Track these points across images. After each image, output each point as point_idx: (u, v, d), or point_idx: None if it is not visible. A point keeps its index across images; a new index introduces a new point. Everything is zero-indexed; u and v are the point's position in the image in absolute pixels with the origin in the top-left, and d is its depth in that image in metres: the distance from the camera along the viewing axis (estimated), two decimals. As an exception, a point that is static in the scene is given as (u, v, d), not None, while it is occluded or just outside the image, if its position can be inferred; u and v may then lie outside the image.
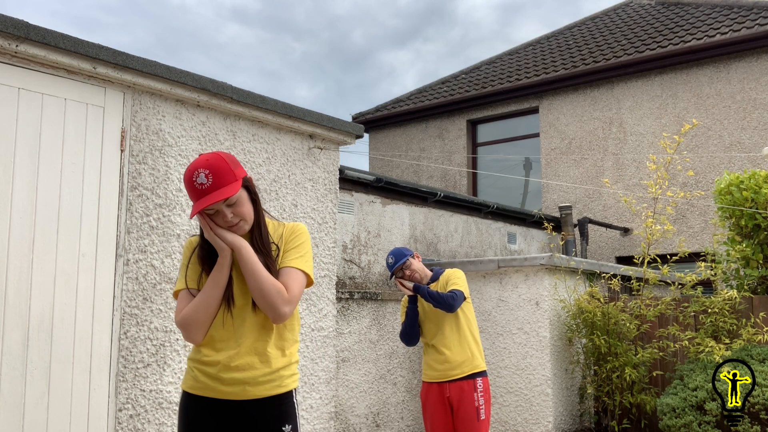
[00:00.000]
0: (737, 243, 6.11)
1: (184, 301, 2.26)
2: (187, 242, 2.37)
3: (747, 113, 9.25)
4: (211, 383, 2.23)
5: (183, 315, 2.23)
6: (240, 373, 2.22)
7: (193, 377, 2.27)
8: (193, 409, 2.27)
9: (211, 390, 2.24)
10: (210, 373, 2.23)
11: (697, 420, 4.72)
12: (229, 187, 2.19)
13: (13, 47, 3.29)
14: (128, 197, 3.78)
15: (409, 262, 4.11)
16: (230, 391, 2.23)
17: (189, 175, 2.19)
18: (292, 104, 4.64)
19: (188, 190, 2.20)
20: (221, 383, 2.22)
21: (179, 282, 2.30)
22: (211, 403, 2.25)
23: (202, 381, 2.25)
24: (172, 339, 3.91)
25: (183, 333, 2.25)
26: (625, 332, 5.77)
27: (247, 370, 2.23)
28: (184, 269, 2.30)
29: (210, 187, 2.18)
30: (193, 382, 2.27)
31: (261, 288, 2.22)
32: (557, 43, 12.41)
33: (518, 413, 5.93)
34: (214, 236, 2.23)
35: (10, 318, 3.24)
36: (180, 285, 2.29)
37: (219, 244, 2.23)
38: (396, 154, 12.45)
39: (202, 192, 2.17)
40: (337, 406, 5.28)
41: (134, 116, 3.84)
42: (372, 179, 6.24)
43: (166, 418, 3.84)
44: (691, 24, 10.39)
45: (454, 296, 3.91)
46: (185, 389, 2.30)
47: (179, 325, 2.24)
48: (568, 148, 10.70)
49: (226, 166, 2.19)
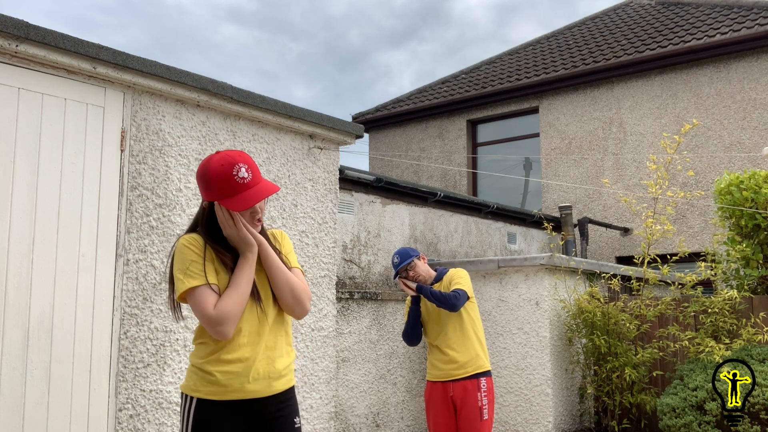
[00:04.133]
0: (737, 243, 6.11)
1: (210, 297, 2.15)
2: (189, 238, 2.25)
3: (747, 113, 9.25)
4: (236, 383, 2.18)
5: (223, 309, 2.13)
6: (265, 368, 2.23)
7: (211, 381, 2.19)
8: (218, 418, 2.19)
9: (236, 391, 2.19)
10: (235, 372, 2.19)
11: (697, 420, 4.72)
12: (269, 183, 2.25)
13: (13, 47, 3.29)
14: (128, 197, 3.78)
15: (413, 263, 4.11)
16: (255, 388, 2.21)
17: (228, 169, 2.16)
18: (292, 104, 4.64)
19: (224, 184, 2.17)
20: (247, 381, 2.19)
21: (197, 278, 2.17)
22: (235, 407, 2.20)
23: (224, 383, 2.18)
24: (172, 339, 3.91)
25: (217, 328, 2.13)
26: (625, 332, 5.77)
27: (270, 364, 2.25)
28: (199, 265, 2.19)
29: (251, 181, 2.20)
30: (212, 387, 2.19)
31: (291, 285, 2.27)
32: (557, 43, 12.41)
33: (518, 413, 5.93)
34: (245, 232, 2.22)
35: (10, 318, 3.24)
36: (199, 281, 2.17)
37: (248, 240, 2.23)
38: (396, 154, 12.46)
39: (245, 186, 2.18)
40: (337, 406, 5.28)
41: (134, 116, 3.84)
42: (372, 179, 6.24)
43: (166, 418, 3.84)
44: (691, 24, 10.39)
45: (457, 295, 3.91)
46: (202, 397, 2.20)
47: (217, 319, 2.12)
48: (568, 148, 10.70)
49: (255, 164, 2.25)
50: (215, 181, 2.17)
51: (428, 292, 3.97)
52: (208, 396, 2.19)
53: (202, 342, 2.25)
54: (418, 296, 4.10)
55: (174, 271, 2.23)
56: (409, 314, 4.14)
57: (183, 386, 2.28)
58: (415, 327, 4.13)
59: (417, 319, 4.12)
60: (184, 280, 2.17)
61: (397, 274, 4.14)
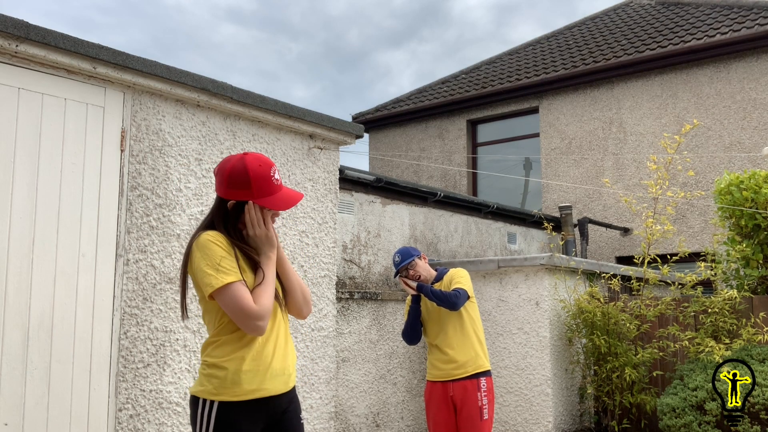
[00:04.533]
0: (737, 243, 6.11)
1: (247, 292, 2.17)
2: (215, 235, 2.25)
3: (747, 113, 9.25)
4: (256, 381, 2.21)
5: (265, 304, 2.18)
6: (280, 365, 2.29)
7: (233, 382, 2.19)
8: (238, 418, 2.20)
9: (256, 390, 2.22)
10: (254, 370, 2.21)
11: (697, 420, 4.72)
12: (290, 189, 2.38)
13: (13, 47, 3.29)
14: (128, 197, 3.78)
15: (414, 262, 4.12)
16: (273, 386, 2.26)
17: (266, 170, 2.28)
18: (292, 104, 4.64)
19: (263, 184, 2.26)
20: (266, 378, 2.23)
21: (232, 274, 2.17)
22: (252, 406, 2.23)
23: (246, 382, 2.20)
24: (172, 339, 3.91)
25: (258, 322, 2.17)
26: (625, 332, 5.77)
27: (284, 361, 2.31)
28: (232, 261, 2.20)
29: (281, 183, 2.34)
30: (234, 387, 2.19)
31: (302, 286, 2.42)
32: (557, 43, 12.41)
33: (518, 413, 5.93)
34: (273, 233, 2.31)
35: (10, 318, 3.24)
36: (235, 276, 2.17)
37: (273, 241, 2.31)
38: (396, 154, 12.46)
39: (279, 187, 2.31)
40: (337, 406, 5.28)
41: (134, 116, 3.84)
42: (372, 179, 6.24)
43: (166, 418, 3.84)
44: (691, 24, 10.39)
45: (458, 294, 3.91)
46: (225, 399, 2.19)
47: (259, 314, 2.16)
48: (568, 148, 10.70)
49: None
50: (255, 181, 2.25)
51: (429, 291, 3.98)
52: (230, 398, 2.19)
53: (219, 341, 2.24)
54: (418, 295, 4.10)
55: (200, 267, 2.20)
56: (409, 313, 4.14)
57: (199, 391, 2.24)
58: (415, 326, 4.13)
59: (417, 318, 4.13)
60: (217, 276, 2.16)
61: (397, 273, 4.14)
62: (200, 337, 4.05)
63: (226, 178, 2.27)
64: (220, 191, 2.31)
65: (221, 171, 2.30)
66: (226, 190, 2.28)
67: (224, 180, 2.28)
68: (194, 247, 2.25)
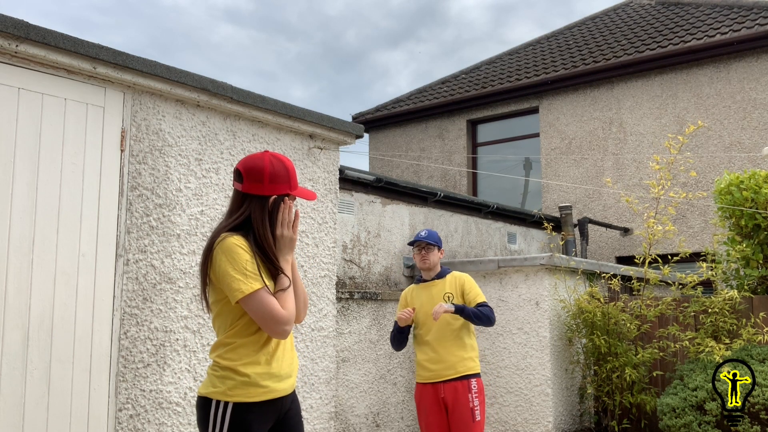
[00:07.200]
0: (737, 243, 6.11)
1: (272, 298, 2.20)
2: (239, 240, 2.23)
3: (747, 113, 9.25)
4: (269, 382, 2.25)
5: (292, 310, 2.25)
6: (288, 367, 2.34)
7: (248, 383, 2.21)
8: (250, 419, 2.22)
9: (269, 391, 2.25)
10: (268, 372, 2.25)
11: (697, 420, 4.72)
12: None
13: (13, 47, 3.29)
14: (128, 197, 3.78)
15: (433, 249, 4.17)
16: (282, 387, 2.30)
17: (290, 164, 2.32)
18: (292, 104, 4.64)
19: (294, 177, 2.31)
20: (278, 380, 2.28)
21: (259, 280, 2.19)
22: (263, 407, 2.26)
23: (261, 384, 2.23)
24: (172, 339, 3.90)
25: (286, 327, 2.21)
26: (626, 332, 5.77)
27: (291, 363, 2.36)
28: (255, 266, 2.21)
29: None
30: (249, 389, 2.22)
31: (304, 291, 2.45)
32: (557, 43, 12.41)
33: (518, 413, 5.93)
34: (296, 235, 2.33)
35: (10, 318, 3.24)
36: (261, 283, 2.19)
37: (294, 244, 2.34)
38: (396, 154, 12.45)
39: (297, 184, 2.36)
40: (337, 406, 5.28)
41: (134, 116, 3.84)
42: (372, 179, 6.24)
43: (166, 418, 3.84)
44: (691, 24, 10.39)
45: (491, 310, 4.06)
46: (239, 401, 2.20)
47: (288, 319, 2.21)
48: (568, 148, 10.70)
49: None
50: (293, 174, 2.31)
51: (470, 314, 3.99)
52: (244, 399, 2.21)
53: (235, 344, 2.24)
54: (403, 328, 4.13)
55: (227, 271, 2.18)
56: (394, 325, 4.22)
57: (211, 392, 2.23)
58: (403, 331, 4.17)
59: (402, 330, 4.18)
60: (246, 282, 2.17)
61: (414, 243, 4.20)
62: (200, 337, 4.05)
63: (267, 174, 2.25)
64: (257, 189, 2.26)
65: (256, 169, 2.26)
66: (268, 185, 2.25)
67: (265, 176, 2.25)
68: (218, 249, 2.21)
